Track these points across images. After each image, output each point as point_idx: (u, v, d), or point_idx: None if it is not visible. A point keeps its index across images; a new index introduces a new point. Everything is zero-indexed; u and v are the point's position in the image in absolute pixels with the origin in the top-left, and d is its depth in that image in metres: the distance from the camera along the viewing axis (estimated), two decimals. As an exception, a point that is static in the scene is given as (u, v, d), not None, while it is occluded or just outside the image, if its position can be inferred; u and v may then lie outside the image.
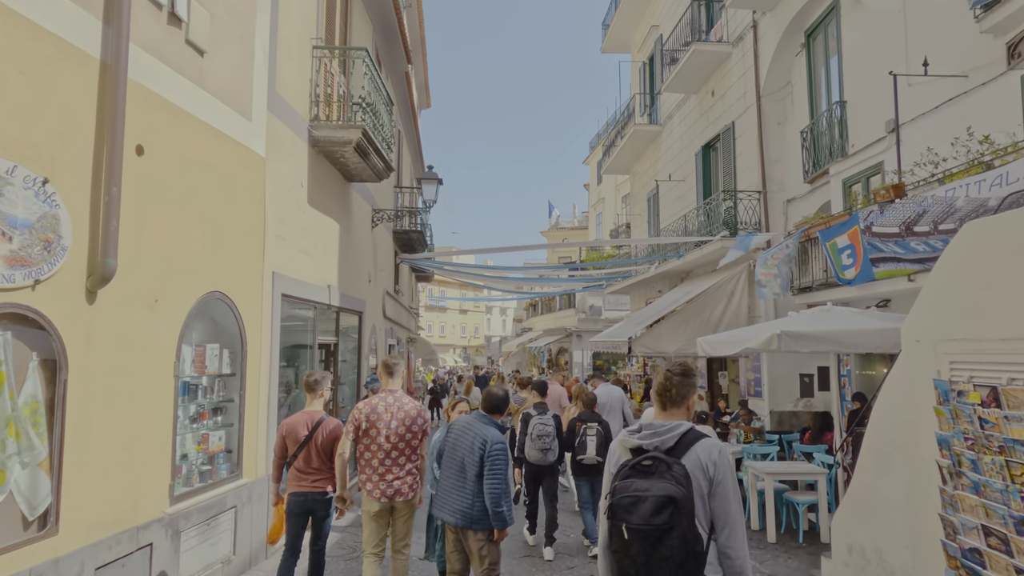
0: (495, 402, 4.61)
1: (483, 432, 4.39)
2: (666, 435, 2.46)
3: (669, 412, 2.62)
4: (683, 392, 2.64)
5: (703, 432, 2.55)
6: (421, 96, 21.02)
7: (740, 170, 13.16)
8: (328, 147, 7.52)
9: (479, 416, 4.56)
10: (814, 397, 12.10)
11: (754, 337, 7.20)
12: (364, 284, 9.95)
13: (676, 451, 2.42)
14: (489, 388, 4.76)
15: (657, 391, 2.64)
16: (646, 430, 2.53)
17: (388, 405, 4.73)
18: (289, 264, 6.82)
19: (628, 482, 2.35)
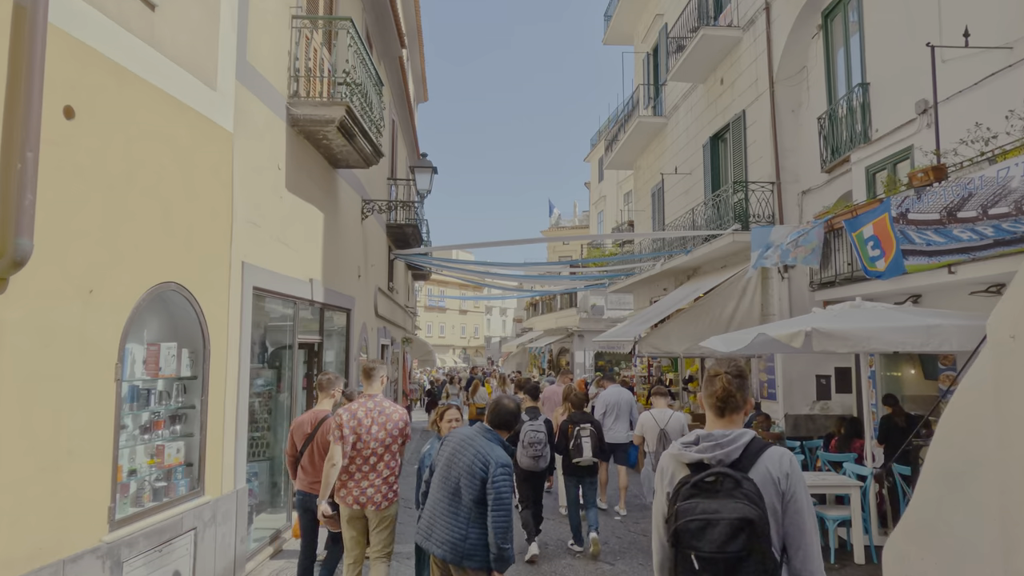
0: (504, 416, 3.84)
1: (486, 451, 3.64)
2: (730, 446, 2.18)
3: (728, 419, 2.32)
4: (744, 396, 2.36)
5: (762, 440, 2.26)
6: (418, 89, 20.31)
7: (751, 161, 12.43)
8: (309, 127, 6.79)
9: (482, 431, 3.81)
10: (831, 400, 11.37)
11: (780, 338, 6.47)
12: (353, 280, 9.23)
13: (742, 464, 2.16)
14: (498, 399, 3.98)
15: (716, 397, 2.32)
16: (704, 441, 2.24)
17: (369, 411, 4.56)
18: (263, 254, 6.09)
19: (692, 503, 2.09)
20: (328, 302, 7.92)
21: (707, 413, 2.40)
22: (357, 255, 9.48)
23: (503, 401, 3.94)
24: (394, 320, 13.72)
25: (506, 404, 3.91)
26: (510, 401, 3.96)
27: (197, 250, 4.98)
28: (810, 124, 11.13)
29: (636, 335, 11.89)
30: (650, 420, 6.95)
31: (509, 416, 3.85)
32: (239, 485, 5.56)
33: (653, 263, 15.83)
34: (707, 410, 2.39)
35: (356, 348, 9.29)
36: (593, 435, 6.45)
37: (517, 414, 3.91)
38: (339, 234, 8.50)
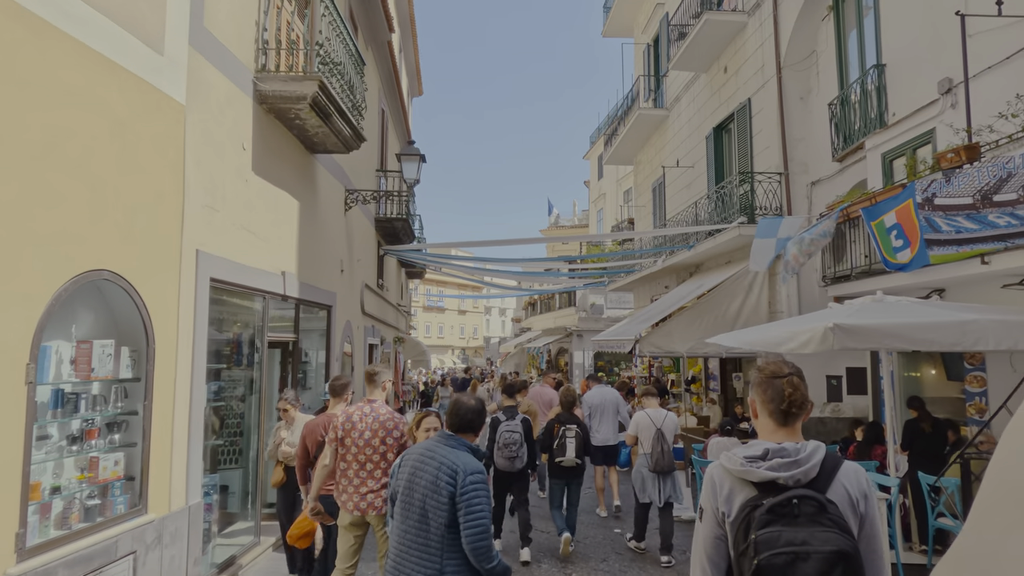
0: (465, 417, 3.26)
1: (451, 460, 3.05)
2: (807, 463, 1.91)
3: (792, 428, 2.05)
4: (808, 399, 2.07)
5: (834, 453, 2.00)
6: (412, 82, 19.69)
7: (757, 151, 11.80)
8: (279, 104, 6.16)
9: (443, 438, 3.21)
10: (843, 402, 10.74)
11: (796, 333, 5.83)
12: (334, 274, 8.60)
13: (819, 483, 1.91)
14: (456, 399, 3.38)
15: (782, 401, 2.02)
16: (775, 456, 1.93)
17: (364, 415, 4.48)
18: (224, 242, 5.45)
19: (774, 533, 1.81)
20: (304, 297, 7.29)
21: (763, 420, 2.07)
22: (340, 248, 8.85)
23: (462, 400, 3.34)
24: (384, 319, 13.09)
25: (466, 403, 3.32)
26: (471, 399, 3.37)
27: (138, 235, 4.35)
28: (820, 111, 10.50)
29: (636, 334, 11.25)
30: (646, 420, 6.68)
31: (471, 416, 3.25)
32: (192, 500, 4.93)
33: (654, 259, 15.20)
34: (764, 417, 2.07)
35: (338, 347, 8.66)
36: (579, 436, 6.37)
37: (480, 412, 3.29)
38: (318, 225, 7.87)
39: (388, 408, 4.63)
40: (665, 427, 6.54)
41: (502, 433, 6.24)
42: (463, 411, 3.26)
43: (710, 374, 14.07)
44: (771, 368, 2.13)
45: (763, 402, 2.08)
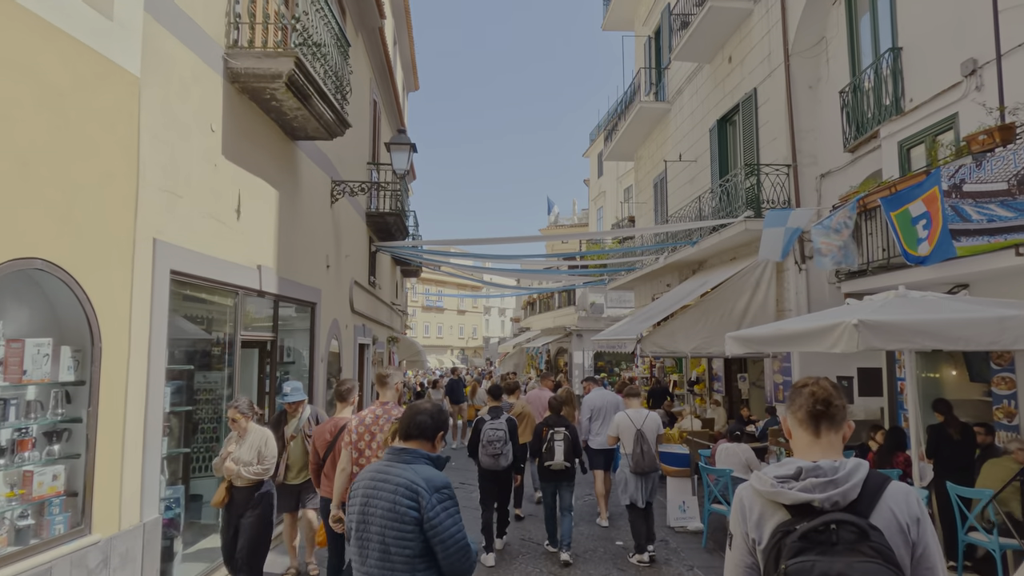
0: (420, 424, 2.75)
1: (407, 478, 2.56)
2: (846, 483, 1.66)
3: (827, 441, 1.82)
4: (844, 410, 1.85)
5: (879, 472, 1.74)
6: (408, 76, 19.19)
7: (764, 143, 11.30)
8: (253, 83, 5.65)
9: (394, 453, 2.70)
10: (854, 404, 10.23)
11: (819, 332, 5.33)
12: (319, 270, 8.09)
13: (860, 506, 1.66)
14: (412, 404, 2.88)
15: (812, 408, 1.82)
16: (809, 475, 1.70)
17: (377, 418, 4.45)
18: (188, 232, 4.95)
19: (807, 563, 1.58)
20: (284, 294, 6.77)
21: (796, 436, 1.89)
22: (325, 243, 8.34)
23: (417, 405, 2.85)
24: (377, 318, 12.59)
25: (419, 406, 2.83)
26: (427, 402, 2.88)
27: (79, 220, 3.84)
28: (829, 100, 9.99)
29: (638, 333, 10.75)
30: (626, 420, 6.53)
31: (427, 420, 2.75)
32: (148, 516, 4.42)
33: (656, 256, 14.69)
34: (796, 430, 1.89)
35: (323, 347, 8.15)
36: (567, 439, 6.31)
37: (437, 415, 2.80)
38: (300, 217, 7.36)
39: (400, 410, 4.52)
40: (646, 427, 6.40)
41: (486, 431, 6.24)
42: (417, 415, 2.75)
43: (714, 375, 13.55)
44: (801, 381, 1.95)
45: (793, 413, 1.88)
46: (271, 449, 4.86)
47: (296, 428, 5.58)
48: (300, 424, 5.57)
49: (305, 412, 5.64)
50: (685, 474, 7.59)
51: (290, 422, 5.63)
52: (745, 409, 11.27)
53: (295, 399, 5.57)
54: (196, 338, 5.58)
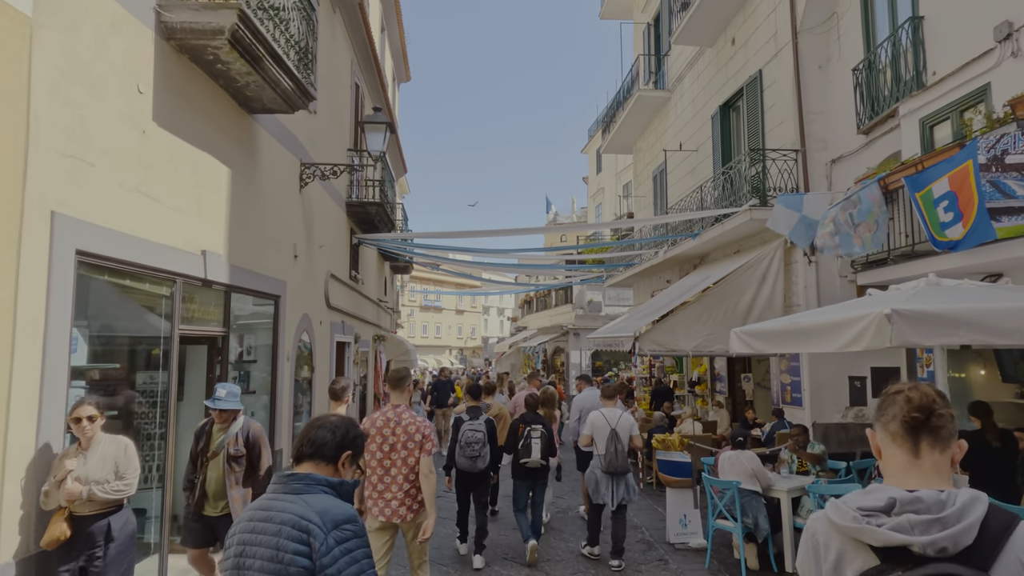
0: (316, 438, 2.09)
1: (295, 513, 1.87)
2: (957, 524, 1.28)
3: (930, 462, 1.43)
4: (954, 424, 1.45)
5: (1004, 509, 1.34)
6: (399, 66, 18.44)
7: (769, 128, 10.54)
8: (191, 40, 4.90)
9: (281, 481, 2.00)
10: (867, 406, 9.47)
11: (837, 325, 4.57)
12: (285, 260, 7.34)
13: (977, 554, 1.27)
14: (312, 420, 2.19)
15: (911, 418, 1.42)
16: (906, 509, 1.32)
17: (388, 420, 4.38)
18: (104, 207, 4.19)
19: None
20: (238, 284, 6.01)
21: (889, 454, 1.48)
22: (292, 230, 7.58)
23: (318, 417, 2.18)
24: (360, 315, 11.83)
25: (322, 419, 2.15)
26: (333, 414, 2.22)
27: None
28: (841, 80, 9.24)
29: (636, 330, 9.99)
30: (600, 419, 6.32)
31: (326, 436, 2.09)
32: (37, 547, 3.65)
33: (656, 250, 13.93)
34: (888, 446, 1.48)
35: (290, 344, 7.40)
36: (544, 436, 6.24)
37: (344, 431, 2.13)
38: (260, 200, 6.61)
39: (412, 413, 4.48)
40: (620, 427, 6.20)
41: (464, 432, 6.08)
42: (313, 428, 2.10)
43: (716, 375, 12.78)
44: (894, 386, 1.59)
45: (884, 425, 1.50)
46: (132, 461, 3.83)
47: (220, 444, 4.46)
48: (226, 439, 4.44)
49: (236, 425, 4.51)
50: (686, 484, 6.83)
51: (215, 435, 4.51)
52: (750, 411, 10.50)
53: (227, 406, 4.43)
54: (117, 333, 4.82)
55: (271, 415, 6.88)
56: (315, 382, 8.52)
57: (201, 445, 4.47)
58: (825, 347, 5.00)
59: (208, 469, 4.41)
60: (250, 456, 4.48)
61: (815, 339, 5.14)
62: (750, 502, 5.79)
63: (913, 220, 6.50)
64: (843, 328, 4.54)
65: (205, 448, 4.45)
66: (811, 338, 5.21)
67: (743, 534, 5.77)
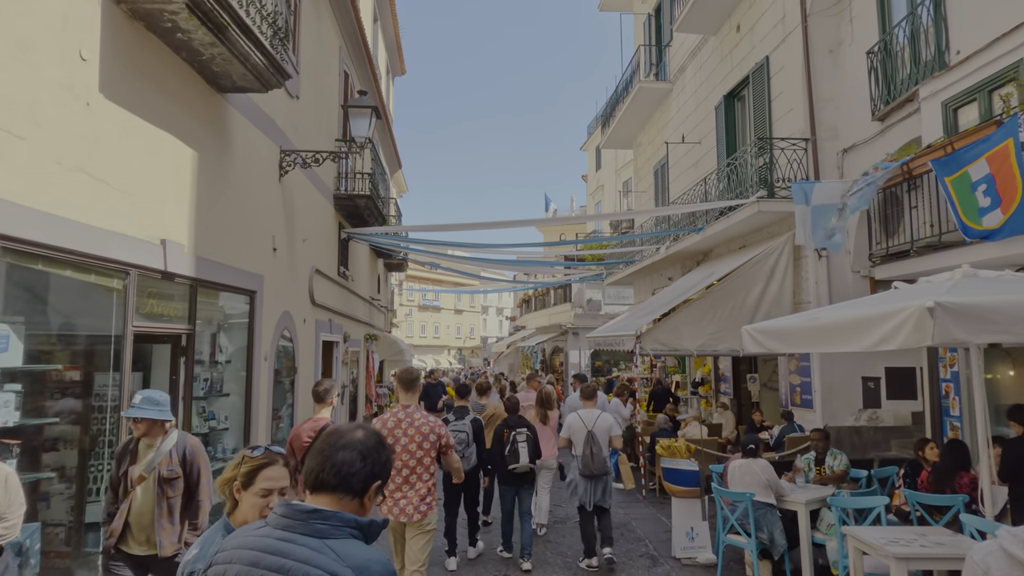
0: (341, 466, 1.57)
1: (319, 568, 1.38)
2: None
3: None
4: None
5: None
6: (393, 59, 17.89)
7: (777, 117, 10.03)
8: (144, 4, 4.38)
9: (296, 518, 1.48)
10: (881, 408, 8.95)
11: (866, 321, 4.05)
12: (262, 253, 6.80)
13: None
14: (332, 437, 1.63)
15: None
16: None
17: (399, 421, 4.34)
18: (34, 186, 3.66)
19: None
20: (206, 277, 5.48)
21: None
22: (271, 222, 7.05)
23: (340, 430, 1.65)
24: (350, 313, 11.30)
25: (346, 435, 1.63)
26: (359, 427, 1.68)
27: None
28: (853, 65, 8.72)
29: (637, 329, 9.48)
30: (577, 421, 6.15)
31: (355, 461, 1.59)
32: None
33: (657, 247, 13.40)
34: None
35: (268, 343, 6.87)
36: (530, 440, 6.03)
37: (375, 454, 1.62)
38: (231, 187, 6.08)
39: (424, 413, 4.45)
40: (597, 428, 6.00)
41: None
42: (337, 448, 1.58)
43: (720, 375, 12.26)
44: None
45: None
46: (15, 495, 3.04)
47: (149, 465, 3.52)
48: (157, 459, 3.53)
49: (168, 441, 3.59)
50: (694, 495, 6.29)
51: (141, 454, 3.58)
52: (757, 413, 9.98)
53: (144, 415, 3.49)
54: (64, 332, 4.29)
55: (246, 419, 6.35)
56: (298, 383, 7.99)
57: (124, 468, 3.55)
58: (851, 346, 4.47)
59: (134, 497, 3.54)
60: (187, 480, 3.64)
61: (839, 337, 4.61)
62: (765, 515, 5.25)
63: (940, 208, 5.97)
64: (874, 324, 4.01)
65: (127, 471, 3.54)
66: (834, 336, 4.68)
67: (757, 550, 5.24)
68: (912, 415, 8.96)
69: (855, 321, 4.31)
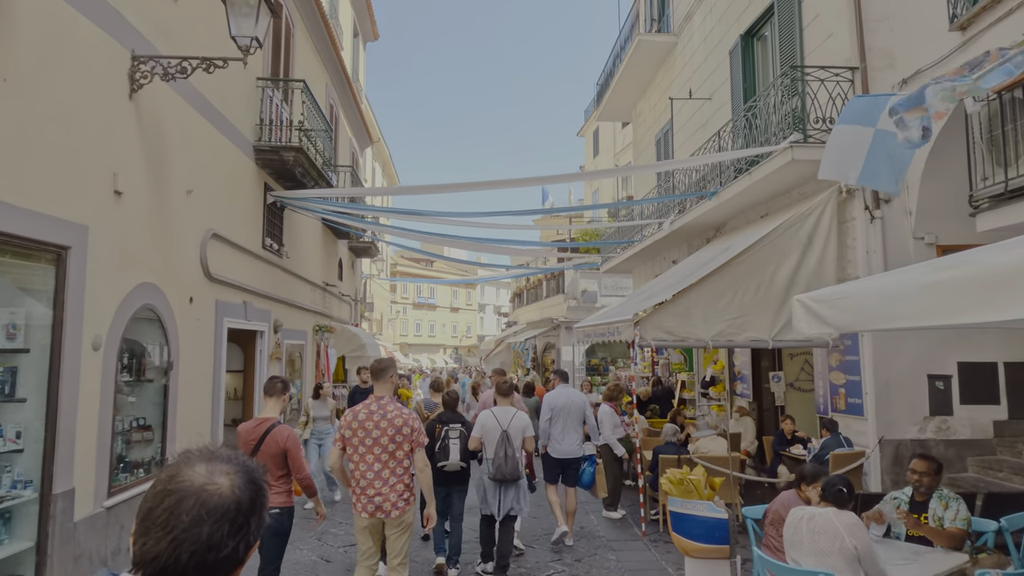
0: (212, 563, 1.00)
1: None
2: None
3: None
4: None
5: None
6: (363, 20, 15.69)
7: (811, 48, 7.86)
8: None
9: None
10: (953, 416, 6.77)
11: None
12: (89, 194, 4.62)
13: None
14: (178, 498, 0.99)
15: None
16: None
17: (371, 413, 4.08)
18: None
19: None
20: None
21: None
22: (109, 153, 4.83)
23: (190, 496, 1.01)
24: (286, 298, 9.09)
25: (210, 505, 1.02)
26: (217, 478, 1.04)
27: None
28: (916, -32, 6.54)
29: (635, 314, 7.28)
30: (491, 420, 5.43)
31: (222, 537, 1.01)
32: None
33: (660, 220, 11.21)
34: None
35: (103, 326, 4.71)
36: (463, 436, 5.47)
37: (247, 510, 1.04)
38: (21, 89, 3.92)
39: (397, 404, 4.16)
40: (512, 428, 5.39)
41: None
42: (194, 528, 0.99)
43: (737, 373, 10.04)
44: None
45: None
46: None
47: None
48: None
49: None
50: (719, 555, 4.07)
51: None
52: (788, 421, 7.76)
53: None
54: None
55: (49, 436, 4.17)
56: (178, 384, 5.82)
57: None
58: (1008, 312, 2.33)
59: None
60: None
61: (982, 302, 2.45)
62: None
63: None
64: None
65: None
66: (969, 300, 2.53)
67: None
68: (994, 424, 6.79)
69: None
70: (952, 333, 6.75)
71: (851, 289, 3.62)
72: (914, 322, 2.97)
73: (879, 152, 5.04)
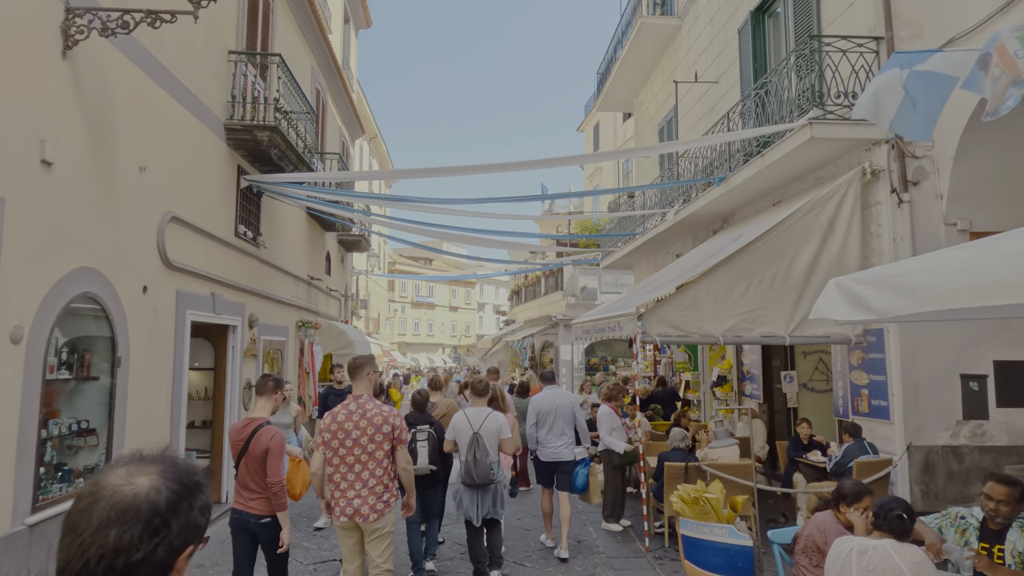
0: (126, 566, 0.97)
1: None
2: None
3: None
4: None
5: None
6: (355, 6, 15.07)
7: (829, 19, 7.24)
8: None
9: None
10: (989, 420, 6.13)
11: None
12: (8, 163, 4.01)
13: None
14: (88, 500, 0.98)
15: None
16: None
17: (350, 413, 3.94)
18: None
19: None
20: None
21: None
22: (34, 117, 4.23)
23: (103, 499, 1.00)
24: (262, 291, 8.45)
25: (124, 505, 0.99)
26: (136, 479, 1.01)
27: None
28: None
29: (637, 307, 6.64)
30: (463, 422, 5.06)
31: (138, 541, 0.98)
32: None
33: (663, 213, 10.57)
34: None
35: (26, 316, 4.08)
36: (432, 438, 5.25)
37: (172, 508, 1.01)
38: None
39: (377, 403, 4.01)
40: (484, 430, 4.99)
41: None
42: (104, 531, 0.96)
43: (746, 372, 9.39)
44: None
45: None
46: None
47: None
48: None
49: None
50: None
51: None
52: (804, 425, 7.11)
53: None
54: None
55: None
56: (127, 383, 5.19)
57: None
58: None
59: None
60: None
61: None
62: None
63: None
64: None
65: None
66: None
67: None
68: (1040, 430, 6.15)
69: None
70: (987, 328, 6.12)
71: (902, 267, 2.99)
72: (958, 304, 2.34)
73: (915, 98, 4.40)
